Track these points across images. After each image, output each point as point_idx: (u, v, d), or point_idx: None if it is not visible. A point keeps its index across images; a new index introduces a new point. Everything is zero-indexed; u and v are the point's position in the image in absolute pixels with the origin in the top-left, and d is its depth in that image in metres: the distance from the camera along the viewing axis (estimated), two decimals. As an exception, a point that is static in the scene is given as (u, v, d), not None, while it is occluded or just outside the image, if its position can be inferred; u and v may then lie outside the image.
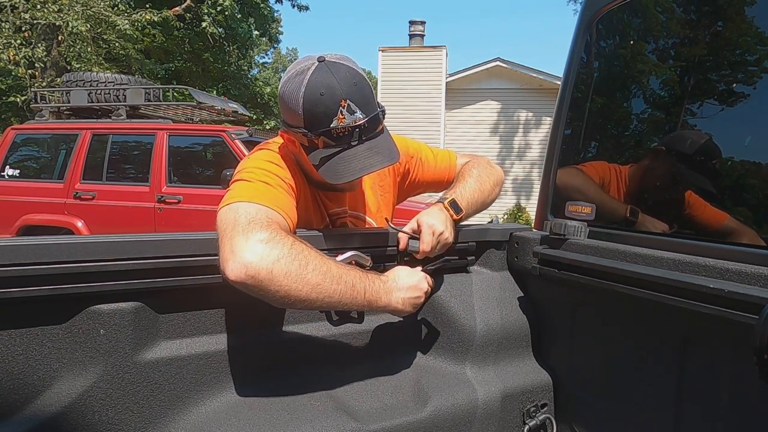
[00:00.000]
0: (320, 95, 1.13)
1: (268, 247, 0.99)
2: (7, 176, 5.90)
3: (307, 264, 1.02)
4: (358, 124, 1.15)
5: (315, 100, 1.13)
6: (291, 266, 1.00)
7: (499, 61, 12.88)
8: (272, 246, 1.00)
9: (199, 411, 1.11)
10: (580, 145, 1.57)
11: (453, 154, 1.60)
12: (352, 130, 1.15)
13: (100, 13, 11.28)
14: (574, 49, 1.54)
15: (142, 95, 5.94)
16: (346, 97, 1.13)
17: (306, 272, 1.01)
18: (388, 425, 1.21)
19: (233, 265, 0.97)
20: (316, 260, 1.04)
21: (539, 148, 12.88)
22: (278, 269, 0.98)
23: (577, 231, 1.38)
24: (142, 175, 5.62)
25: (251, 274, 0.97)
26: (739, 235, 1.13)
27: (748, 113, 1.16)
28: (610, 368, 1.35)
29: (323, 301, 1.05)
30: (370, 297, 1.11)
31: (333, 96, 1.13)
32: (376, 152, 1.19)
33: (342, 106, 1.13)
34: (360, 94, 1.15)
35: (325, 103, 1.13)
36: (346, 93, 1.14)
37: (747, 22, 1.20)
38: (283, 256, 1.00)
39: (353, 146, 1.17)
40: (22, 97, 11.93)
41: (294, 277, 1.00)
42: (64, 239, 1.00)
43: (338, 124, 1.14)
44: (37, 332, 0.98)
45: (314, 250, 1.07)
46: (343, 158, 1.17)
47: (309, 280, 1.01)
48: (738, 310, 0.98)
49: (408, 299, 1.18)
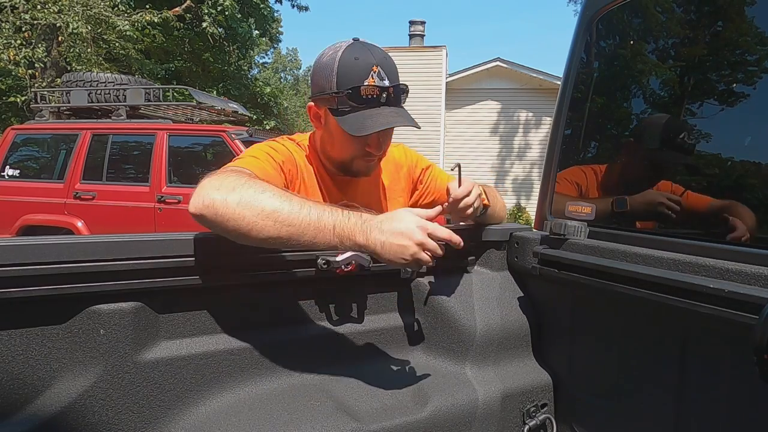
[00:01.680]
0: (355, 59, 1.24)
1: (226, 180, 1.02)
2: (7, 176, 5.90)
3: (263, 191, 1.01)
4: (386, 87, 1.24)
5: (350, 62, 1.24)
6: (245, 193, 1.00)
7: (499, 61, 12.89)
8: (230, 179, 1.03)
9: (199, 411, 1.11)
10: (580, 145, 1.57)
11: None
12: (380, 93, 1.23)
13: (100, 13, 11.28)
14: (574, 49, 1.54)
15: (142, 95, 5.93)
16: (378, 64, 1.24)
17: (262, 198, 1.00)
18: (388, 425, 1.21)
19: (193, 200, 1.01)
20: (275, 189, 1.03)
21: (539, 148, 12.88)
22: (233, 197, 0.99)
23: (577, 231, 1.38)
24: (142, 175, 5.62)
25: (207, 203, 0.99)
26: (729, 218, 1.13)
27: (748, 113, 1.16)
28: (610, 368, 1.35)
29: (282, 231, 0.99)
30: (341, 232, 1.02)
31: (367, 61, 1.24)
32: (399, 115, 1.26)
33: (374, 71, 1.23)
34: (390, 67, 1.26)
35: (359, 65, 1.23)
36: (378, 61, 1.24)
37: (747, 22, 1.20)
38: (239, 185, 1.01)
39: (379, 107, 1.24)
40: (22, 97, 11.94)
41: (247, 203, 0.99)
42: (64, 239, 1.00)
43: (368, 84, 1.22)
44: (37, 332, 0.98)
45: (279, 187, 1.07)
46: (366, 114, 1.23)
47: (264, 206, 0.99)
48: (738, 310, 0.98)
49: (391, 245, 1.02)
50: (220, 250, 1.11)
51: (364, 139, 1.27)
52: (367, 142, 1.29)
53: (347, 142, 1.29)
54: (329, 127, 1.31)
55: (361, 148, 1.30)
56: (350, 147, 1.30)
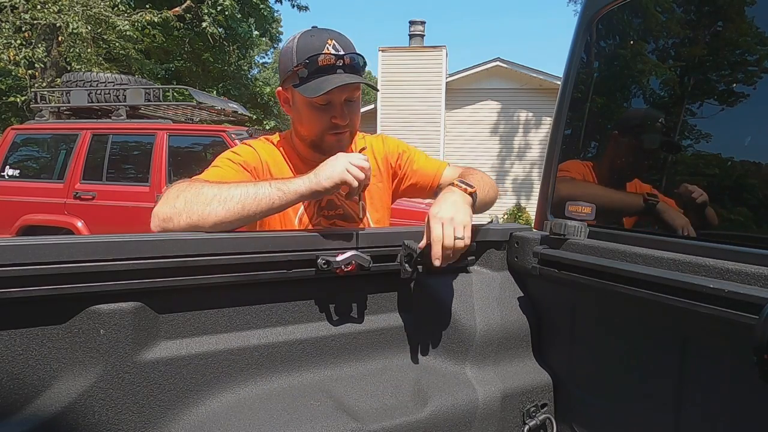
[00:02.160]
0: (311, 36, 1.36)
1: (170, 195, 1.18)
2: (7, 176, 5.90)
3: (202, 186, 1.18)
4: (342, 56, 1.33)
5: (307, 39, 1.35)
6: (187, 193, 1.16)
7: (499, 61, 12.89)
8: (171, 191, 1.18)
9: (199, 411, 1.11)
10: (580, 145, 1.57)
11: (444, 163, 1.65)
12: (335, 61, 1.32)
13: (100, 13, 11.29)
14: (574, 49, 1.54)
15: (142, 95, 5.94)
16: (333, 38, 1.34)
17: (203, 191, 1.16)
18: (388, 425, 1.21)
19: (152, 223, 1.18)
20: (212, 183, 1.20)
21: (539, 148, 12.88)
22: (180, 202, 1.15)
23: (577, 231, 1.38)
24: (142, 175, 5.62)
25: (162, 217, 1.16)
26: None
27: (748, 113, 1.16)
28: (610, 368, 1.35)
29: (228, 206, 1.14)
30: (277, 183, 1.19)
31: (321, 36, 1.35)
32: (354, 78, 1.34)
33: (329, 43, 1.33)
34: (344, 42, 1.36)
35: (315, 40, 1.34)
36: (332, 36, 1.35)
37: (747, 22, 1.20)
38: (181, 191, 1.17)
39: (336, 73, 1.32)
40: (22, 97, 11.94)
41: (192, 200, 1.15)
42: (64, 239, 1.00)
43: (324, 53, 1.32)
44: (37, 332, 0.98)
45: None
46: (323, 79, 1.32)
47: (207, 195, 1.15)
48: (738, 310, 0.98)
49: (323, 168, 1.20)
50: (220, 250, 1.11)
51: (329, 111, 1.36)
52: (332, 113, 1.36)
53: (314, 116, 1.37)
54: (296, 105, 1.40)
55: (327, 121, 1.37)
56: (317, 120, 1.38)
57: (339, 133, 1.40)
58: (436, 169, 1.61)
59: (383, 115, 13.24)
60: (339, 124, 1.38)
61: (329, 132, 1.39)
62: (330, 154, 1.38)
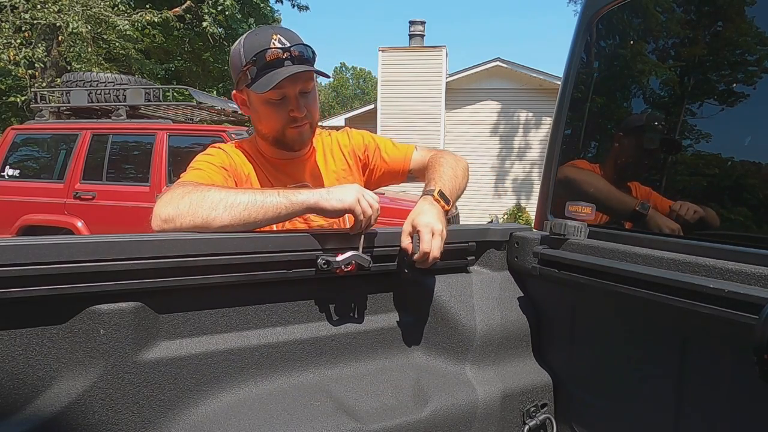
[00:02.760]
0: (255, 35, 1.37)
1: (174, 194, 1.17)
2: (7, 176, 5.90)
3: (208, 190, 1.18)
4: (288, 48, 1.33)
5: (252, 38, 1.36)
6: (193, 197, 1.15)
7: (499, 61, 12.88)
8: (176, 192, 1.17)
9: (199, 411, 1.11)
10: (580, 145, 1.57)
11: (412, 146, 1.67)
12: (282, 54, 1.32)
13: (100, 13, 11.28)
14: (574, 49, 1.54)
15: (142, 95, 5.93)
16: (277, 33, 1.35)
17: (208, 195, 1.16)
18: (388, 425, 1.21)
19: (153, 221, 1.16)
20: (217, 186, 1.21)
21: (539, 148, 12.87)
22: (183, 204, 1.15)
23: (577, 231, 1.38)
24: (142, 175, 5.62)
25: (164, 218, 1.15)
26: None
27: (748, 113, 1.16)
28: (610, 368, 1.35)
29: (235, 208, 1.14)
30: (285, 192, 1.19)
31: (266, 33, 1.36)
32: (303, 67, 1.34)
33: (274, 38, 1.33)
34: (289, 35, 1.36)
35: (260, 38, 1.35)
36: (277, 31, 1.36)
37: (747, 22, 1.20)
38: (186, 194, 1.16)
39: (284, 66, 1.32)
40: (22, 97, 11.94)
41: (197, 203, 1.14)
42: (64, 239, 1.00)
43: (271, 48, 1.32)
44: (37, 332, 0.98)
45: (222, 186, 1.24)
46: (273, 72, 1.32)
47: (213, 200, 1.15)
48: (738, 310, 0.98)
49: (336, 190, 1.22)
50: (220, 250, 1.11)
51: (286, 106, 1.37)
52: (289, 107, 1.37)
53: (271, 112, 1.38)
54: (253, 105, 1.40)
55: (285, 115, 1.38)
56: (275, 116, 1.38)
57: (299, 126, 1.40)
58: (405, 154, 1.62)
59: (383, 115, 13.24)
60: (297, 117, 1.38)
61: (289, 126, 1.39)
62: (293, 147, 1.44)
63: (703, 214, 1.20)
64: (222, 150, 1.43)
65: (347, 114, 15.45)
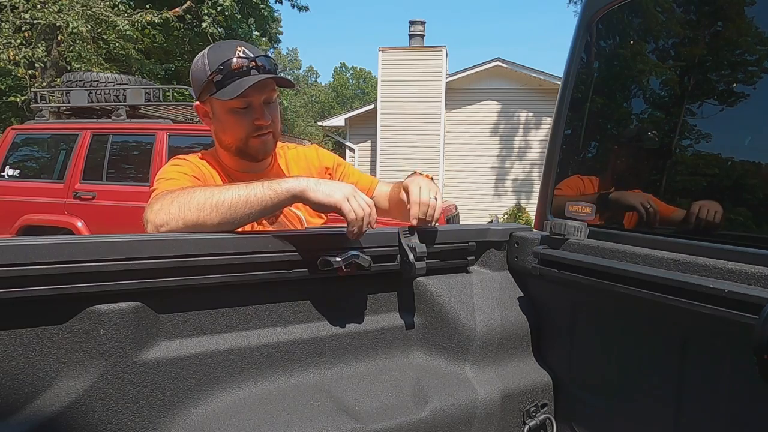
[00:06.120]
0: (219, 47, 1.40)
1: (163, 202, 1.18)
2: (7, 176, 5.90)
3: (194, 191, 1.18)
4: (253, 58, 1.35)
5: (216, 50, 1.39)
6: (180, 201, 1.16)
7: (499, 61, 12.89)
8: (165, 200, 1.18)
9: (199, 411, 1.11)
10: (580, 145, 1.57)
11: (376, 179, 1.72)
12: (248, 64, 1.35)
13: (100, 13, 11.28)
14: (574, 49, 1.54)
15: (142, 95, 5.93)
16: (241, 45, 1.38)
17: (193, 197, 1.16)
18: (388, 425, 1.21)
19: (147, 229, 1.19)
20: (203, 187, 1.22)
21: (539, 148, 12.88)
22: (173, 209, 1.16)
23: (577, 231, 1.38)
24: (142, 175, 5.62)
25: (157, 224, 1.16)
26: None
27: (748, 113, 1.16)
28: (610, 368, 1.35)
29: (221, 206, 1.15)
30: (269, 183, 1.18)
31: (230, 44, 1.40)
32: (271, 76, 1.37)
33: (238, 50, 1.36)
34: (252, 49, 1.39)
35: (224, 49, 1.37)
36: (240, 44, 1.39)
37: (747, 22, 1.20)
38: (174, 198, 1.17)
39: (251, 75, 1.34)
40: (22, 97, 11.93)
41: (185, 206, 1.15)
42: (64, 239, 1.00)
43: (237, 57, 1.34)
44: (37, 332, 0.98)
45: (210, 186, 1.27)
46: (239, 81, 1.33)
47: (198, 201, 1.15)
48: (738, 310, 0.98)
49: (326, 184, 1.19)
50: (220, 250, 1.11)
51: (250, 114, 1.37)
52: (253, 116, 1.38)
53: (236, 121, 1.38)
54: (217, 115, 1.41)
55: (249, 123, 1.38)
56: (240, 125, 1.38)
57: (263, 135, 1.40)
58: (370, 183, 1.67)
59: (383, 115, 13.25)
60: (262, 125, 1.39)
61: (253, 135, 1.39)
62: (257, 157, 1.44)
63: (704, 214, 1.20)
64: (188, 160, 1.43)
65: (347, 114, 15.46)
